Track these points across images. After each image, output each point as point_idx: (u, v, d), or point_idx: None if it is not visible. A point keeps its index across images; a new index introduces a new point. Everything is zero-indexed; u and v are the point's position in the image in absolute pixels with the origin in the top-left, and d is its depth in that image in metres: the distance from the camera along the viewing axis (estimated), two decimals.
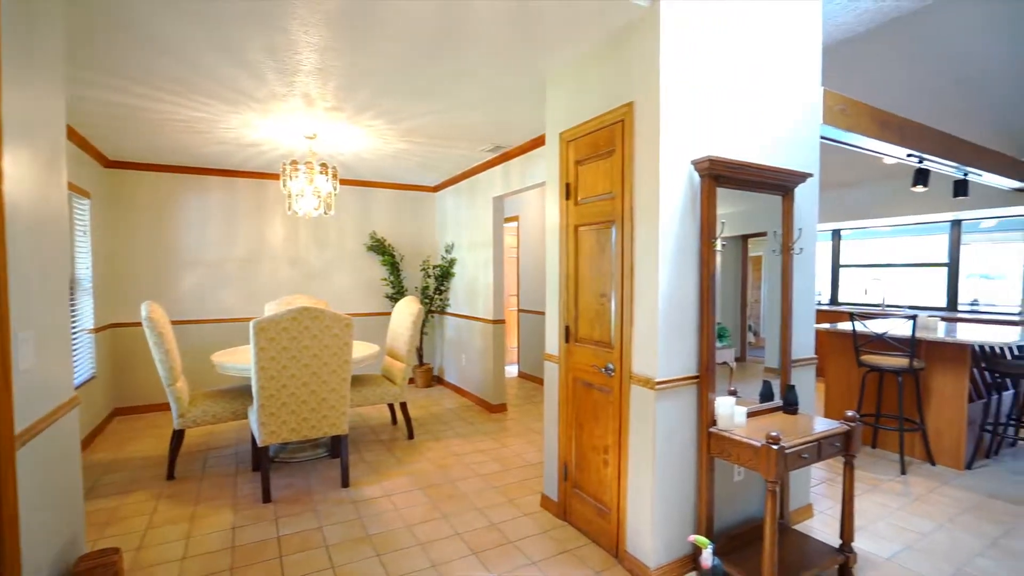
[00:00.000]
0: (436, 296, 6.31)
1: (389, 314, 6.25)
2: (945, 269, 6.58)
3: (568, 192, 2.79)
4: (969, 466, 3.73)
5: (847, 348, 4.24)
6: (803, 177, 2.50)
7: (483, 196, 5.27)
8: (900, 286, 7.18)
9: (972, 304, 6.51)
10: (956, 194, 4.59)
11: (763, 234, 2.65)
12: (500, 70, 2.91)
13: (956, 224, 6.45)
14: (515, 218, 7.00)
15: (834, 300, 7.69)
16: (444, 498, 3.25)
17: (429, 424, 4.84)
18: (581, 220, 2.70)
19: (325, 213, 4.15)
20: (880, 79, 4.41)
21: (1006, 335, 3.89)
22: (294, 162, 3.88)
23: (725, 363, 2.76)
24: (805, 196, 2.72)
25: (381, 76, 2.96)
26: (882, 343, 3.84)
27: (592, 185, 2.61)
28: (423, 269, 6.42)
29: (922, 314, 4.73)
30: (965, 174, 4.24)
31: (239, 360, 3.64)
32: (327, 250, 5.99)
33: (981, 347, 3.90)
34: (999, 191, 5.17)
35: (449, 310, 6.18)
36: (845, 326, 4.18)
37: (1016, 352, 4.13)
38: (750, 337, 2.83)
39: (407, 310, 4.40)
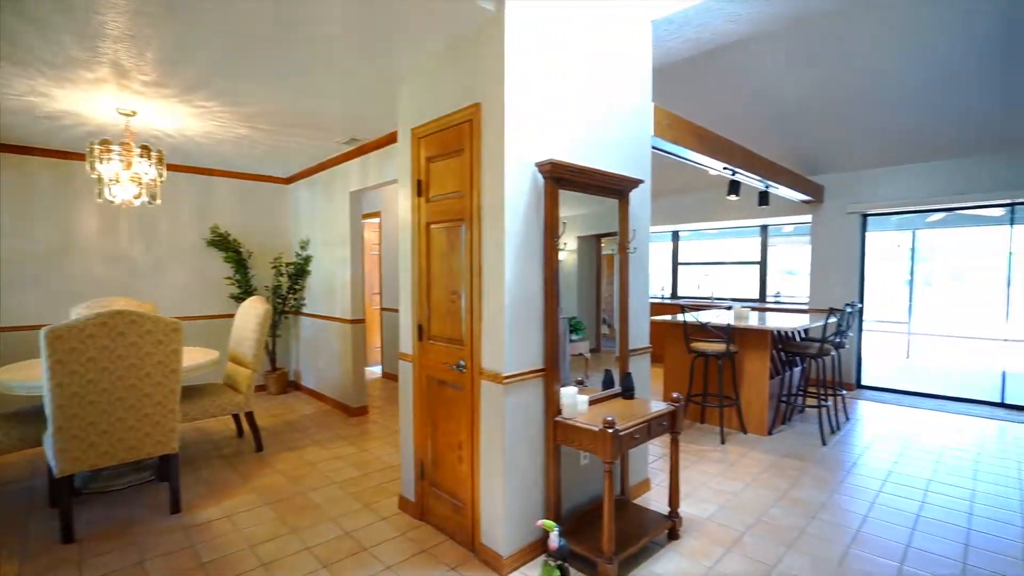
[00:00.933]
0: (290, 296, 5.89)
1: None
2: (757, 267, 7.73)
3: (420, 189, 2.77)
4: (770, 432, 4.42)
5: (681, 337, 4.78)
6: (636, 183, 2.75)
7: (340, 190, 5.03)
8: (725, 281, 8.28)
9: (776, 296, 7.74)
10: (760, 203, 5.41)
11: (614, 233, 2.88)
12: (356, 61, 2.79)
13: (764, 228, 7.60)
14: (376, 214, 6.78)
15: (674, 294, 8.62)
16: (295, 511, 3.05)
17: (282, 433, 4.50)
18: (433, 218, 2.70)
19: (150, 203, 3.64)
20: (700, 99, 5.03)
21: (797, 321, 4.68)
22: (105, 142, 3.35)
23: (581, 355, 2.95)
24: (639, 200, 3.00)
25: (215, 53, 2.67)
26: (707, 331, 4.39)
27: (443, 183, 2.62)
28: (275, 267, 5.94)
29: (737, 305, 5.50)
30: (767, 186, 5.02)
31: (28, 376, 3.05)
32: (157, 245, 5.27)
33: (779, 332, 4.63)
34: (792, 202, 6.19)
35: (305, 310, 5.81)
36: (681, 317, 4.71)
37: (803, 335, 4.98)
38: (604, 329, 3.05)
39: (253, 311, 4.04)
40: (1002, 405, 5.27)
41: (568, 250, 2.84)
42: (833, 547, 2.63)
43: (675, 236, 8.62)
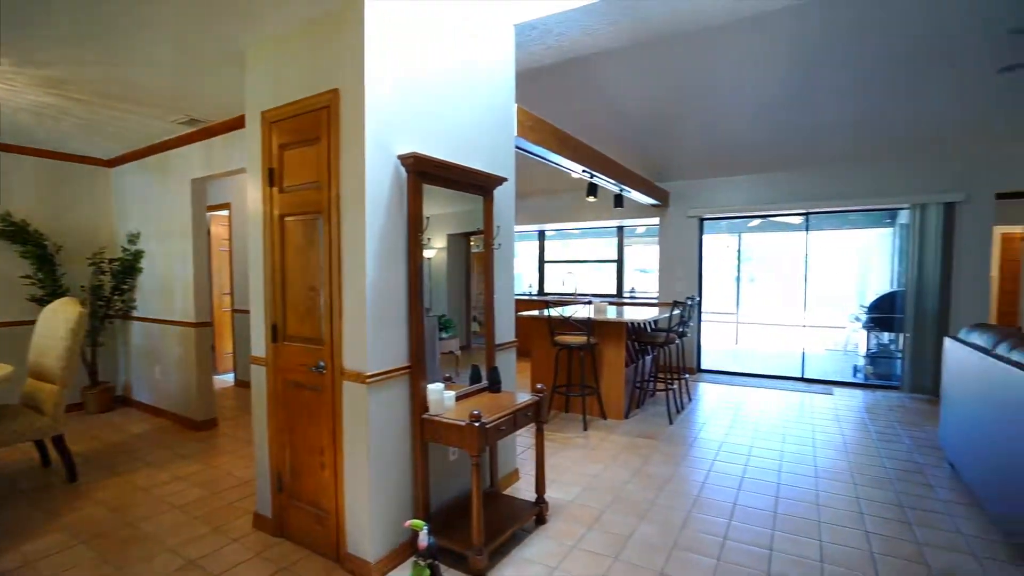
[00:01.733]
0: (116, 297, 5.07)
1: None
2: (615, 264, 8.38)
3: (272, 178, 2.55)
4: (627, 416, 4.81)
5: (546, 331, 4.99)
6: (500, 180, 2.81)
7: (179, 177, 4.45)
8: (587, 278, 8.86)
9: (631, 292, 8.45)
10: (616, 205, 5.88)
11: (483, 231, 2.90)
12: (190, 29, 2.48)
13: (620, 229, 8.26)
14: (226, 205, 6.13)
15: (541, 291, 9.01)
16: (120, 547, 2.63)
17: (106, 458, 3.86)
18: (288, 209, 2.50)
19: None
20: (563, 105, 5.32)
21: (648, 314, 5.14)
22: None
23: (451, 352, 2.93)
24: (504, 198, 3.07)
25: None
26: (569, 325, 4.64)
27: (298, 172, 2.44)
28: (95, 263, 5.07)
29: (597, 300, 5.91)
30: (621, 190, 5.46)
31: None
32: None
33: (633, 324, 5.05)
34: (644, 205, 6.81)
35: (136, 313, 5.05)
36: (546, 312, 4.92)
37: (653, 326, 5.49)
38: (475, 327, 3.06)
39: (62, 315, 3.41)
40: (802, 379, 6.31)
41: (438, 248, 2.82)
42: (678, 513, 2.93)
43: (541, 235, 9.01)
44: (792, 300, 7.42)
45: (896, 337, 6.15)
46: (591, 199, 5.30)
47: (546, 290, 8.97)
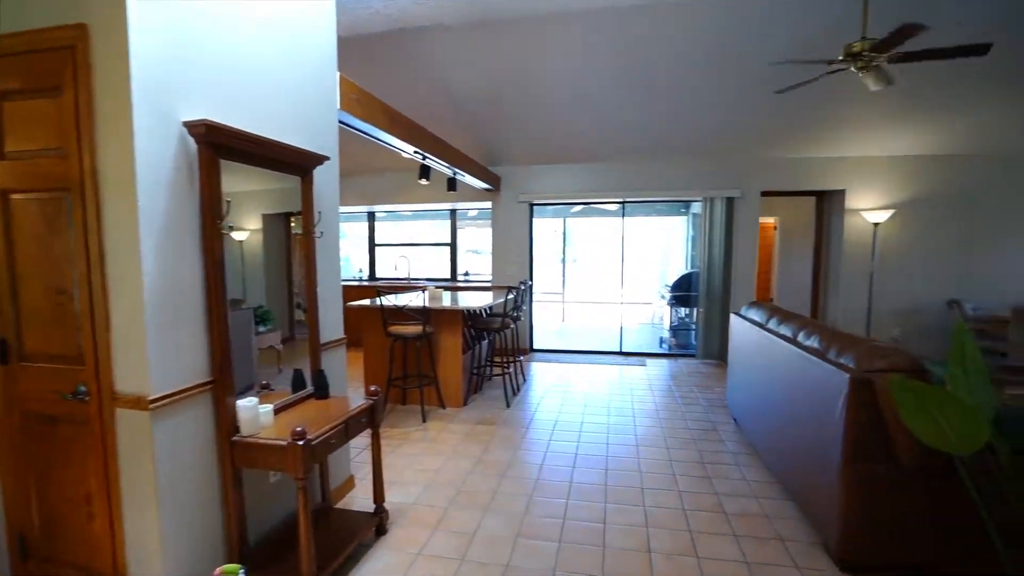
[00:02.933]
0: None
1: None
2: (448, 248, 8.29)
3: None
4: (466, 403, 4.78)
5: (379, 321, 4.69)
6: (320, 159, 2.45)
7: None
8: (421, 262, 8.63)
9: (465, 275, 8.47)
10: (449, 189, 5.75)
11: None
12: None
13: (453, 212, 8.17)
14: None
15: (372, 276, 8.53)
16: None
17: None
18: (16, 183, 1.84)
19: None
20: (393, 81, 4.98)
21: (484, 299, 5.14)
22: None
23: (272, 347, 2.53)
24: (326, 179, 2.71)
25: None
26: (403, 315, 4.40)
27: (30, 134, 1.80)
28: None
29: (431, 286, 5.74)
30: (455, 173, 5.34)
31: None
32: None
33: (468, 310, 5.00)
34: (476, 189, 6.80)
35: None
36: (387, 301, 4.60)
37: (489, 311, 5.53)
38: (299, 315, 2.68)
39: None
40: (621, 353, 6.99)
41: (251, 229, 2.39)
42: (520, 500, 2.96)
43: (371, 217, 8.51)
44: (610, 280, 8.18)
45: (691, 312, 7.13)
46: (423, 182, 5.09)
47: (378, 275, 8.52)
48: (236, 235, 2.30)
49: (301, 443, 1.90)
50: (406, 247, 8.47)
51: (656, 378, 5.73)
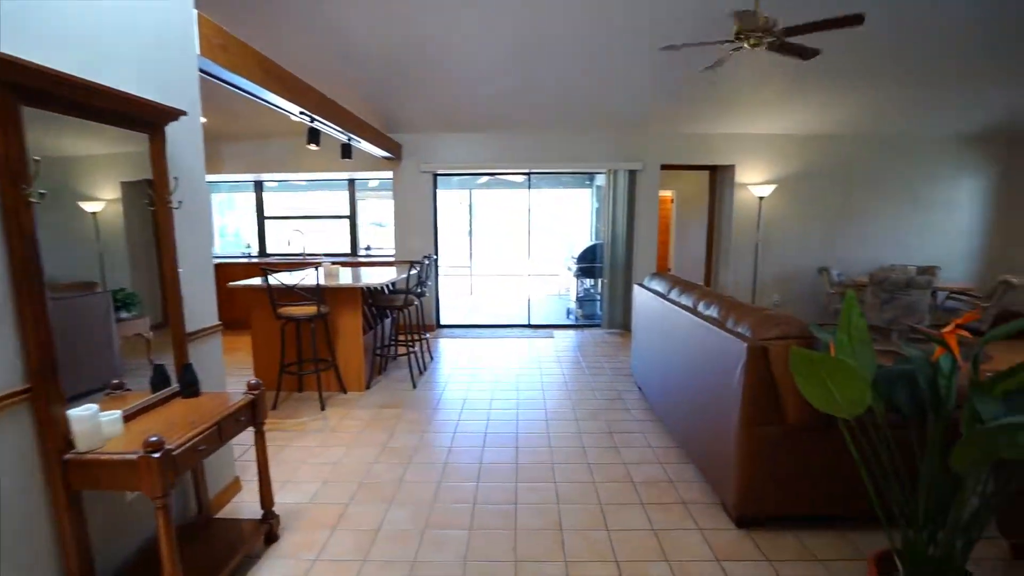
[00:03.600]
0: None
1: None
2: (348, 220, 7.76)
3: None
4: (369, 386, 4.50)
5: (267, 302, 4.24)
6: (172, 114, 2.04)
7: None
8: (318, 236, 8.02)
9: (367, 249, 8.01)
10: (344, 156, 5.29)
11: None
12: None
13: (351, 182, 7.64)
14: None
15: (263, 252, 7.80)
16: None
17: None
18: None
19: None
20: (274, 31, 4.41)
21: (386, 275, 4.83)
22: None
23: (140, 335, 2.12)
24: (186, 139, 2.29)
25: None
26: (295, 294, 4.01)
27: None
28: None
29: (328, 262, 5.31)
30: (349, 139, 4.90)
31: None
32: None
33: (369, 287, 4.69)
34: (376, 157, 6.37)
35: None
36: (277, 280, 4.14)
37: (392, 287, 5.24)
38: None
39: None
40: (529, 326, 7.00)
41: (108, 199, 1.97)
42: (427, 488, 2.81)
43: (259, 186, 7.73)
44: (518, 252, 8.14)
45: (596, 283, 7.29)
46: (313, 147, 4.60)
47: (269, 251, 7.81)
48: (88, 206, 1.91)
49: (157, 455, 1.59)
50: (300, 220, 7.81)
51: (564, 350, 5.79)
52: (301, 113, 3.71)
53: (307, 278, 4.27)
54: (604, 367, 5.08)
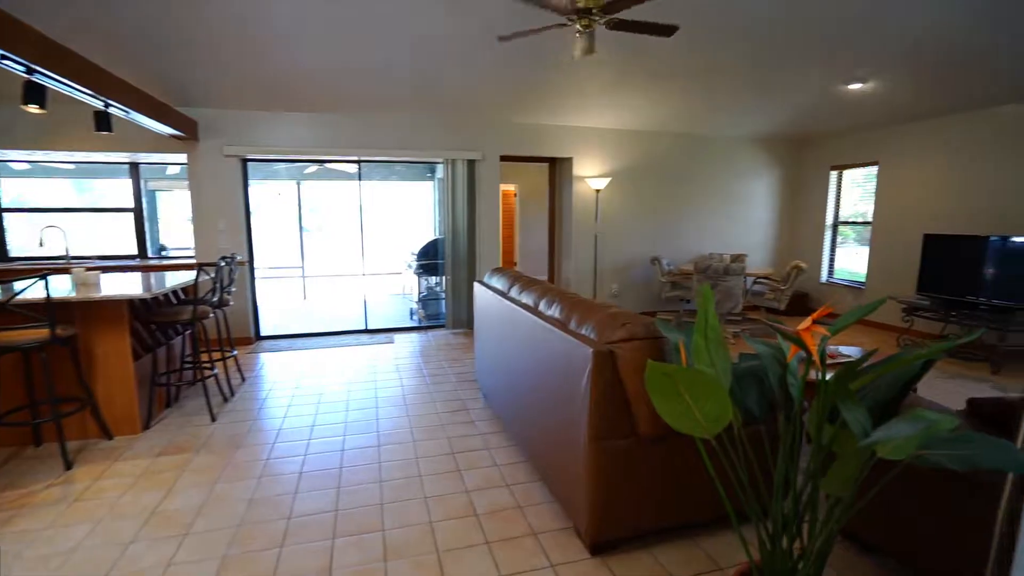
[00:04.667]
0: None
1: None
2: (132, 215, 6.25)
3: None
4: (148, 426, 3.50)
5: None
6: None
7: None
8: (91, 234, 6.35)
9: (163, 251, 6.57)
10: (99, 128, 4.04)
11: None
12: None
13: (135, 167, 6.15)
14: None
15: (4, 255, 5.93)
16: None
17: None
18: None
19: None
20: None
21: (173, 280, 3.80)
22: None
23: None
24: None
25: None
26: (10, 313, 2.89)
27: None
28: None
29: (80, 267, 4.02)
30: (106, 105, 3.75)
31: None
32: None
33: (139, 299, 3.65)
34: (163, 136, 5.13)
35: None
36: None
37: (182, 296, 4.20)
38: None
39: None
40: (367, 331, 6.30)
41: None
42: (206, 570, 2.09)
43: None
44: (352, 249, 7.34)
45: (441, 280, 6.83)
46: (33, 109, 3.30)
47: (12, 254, 5.96)
48: None
49: None
50: (59, 213, 6.08)
51: (404, 356, 5.24)
52: (3, 58, 2.63)
53: (33, 290, 3.13)
54: (448, 373, 4.65)
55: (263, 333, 6.07)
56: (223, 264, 3.96)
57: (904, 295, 5.87)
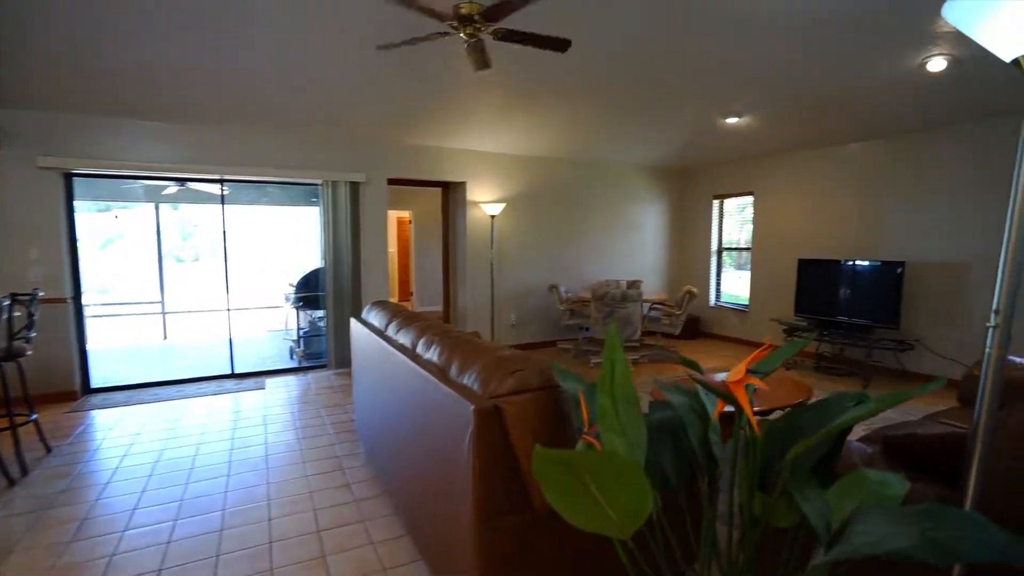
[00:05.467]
0: None
1: None
2: None
3: None
4: None
5: None
6: None
7: None
8: None
9: None
10: None
11: None
12: None
13: None
14: None
15: None
16: None
17: None
18: None
19: None
20: None
21: None
22: None
23: None
24: None
25: None
26: None
27: None
28: None
29: None
30: None
31: None
32: None
33: None
34: None
35: None
36: None
37: None
38: None
39: None
40: (232, 376, 5.42)
41: None
42: None
43: None
44: (217, 282, 6.39)
45: (325, 314, 6.12)
46: None
47: None
48: None
49: None
50: None
51: (276, 404, 4.50)
52: None
53: None
54: (324, 423, 4.00)
55: (94, 385, 4.97)
56: (24, 298, 3.08)
57: (784, 316, 6.18)
